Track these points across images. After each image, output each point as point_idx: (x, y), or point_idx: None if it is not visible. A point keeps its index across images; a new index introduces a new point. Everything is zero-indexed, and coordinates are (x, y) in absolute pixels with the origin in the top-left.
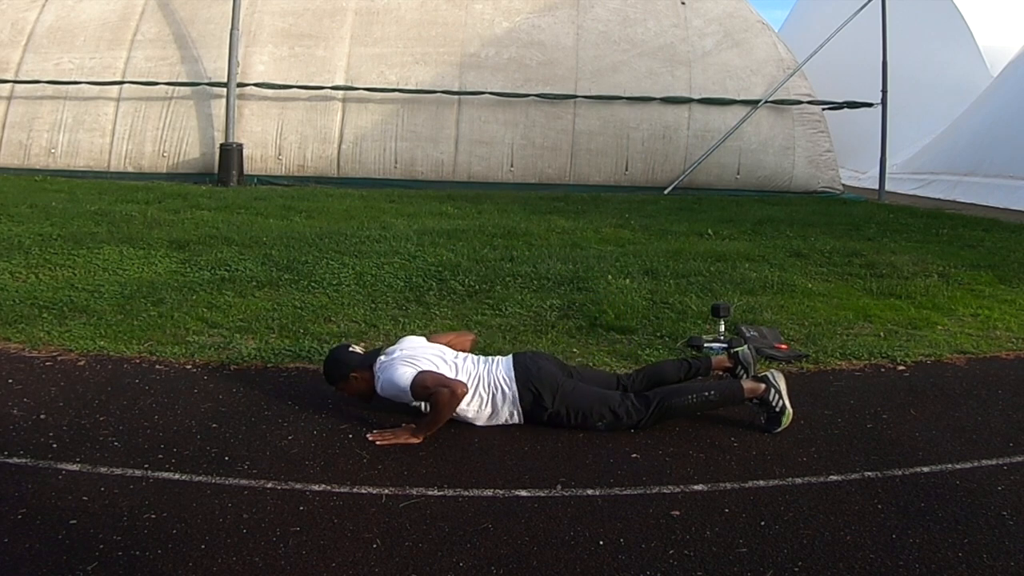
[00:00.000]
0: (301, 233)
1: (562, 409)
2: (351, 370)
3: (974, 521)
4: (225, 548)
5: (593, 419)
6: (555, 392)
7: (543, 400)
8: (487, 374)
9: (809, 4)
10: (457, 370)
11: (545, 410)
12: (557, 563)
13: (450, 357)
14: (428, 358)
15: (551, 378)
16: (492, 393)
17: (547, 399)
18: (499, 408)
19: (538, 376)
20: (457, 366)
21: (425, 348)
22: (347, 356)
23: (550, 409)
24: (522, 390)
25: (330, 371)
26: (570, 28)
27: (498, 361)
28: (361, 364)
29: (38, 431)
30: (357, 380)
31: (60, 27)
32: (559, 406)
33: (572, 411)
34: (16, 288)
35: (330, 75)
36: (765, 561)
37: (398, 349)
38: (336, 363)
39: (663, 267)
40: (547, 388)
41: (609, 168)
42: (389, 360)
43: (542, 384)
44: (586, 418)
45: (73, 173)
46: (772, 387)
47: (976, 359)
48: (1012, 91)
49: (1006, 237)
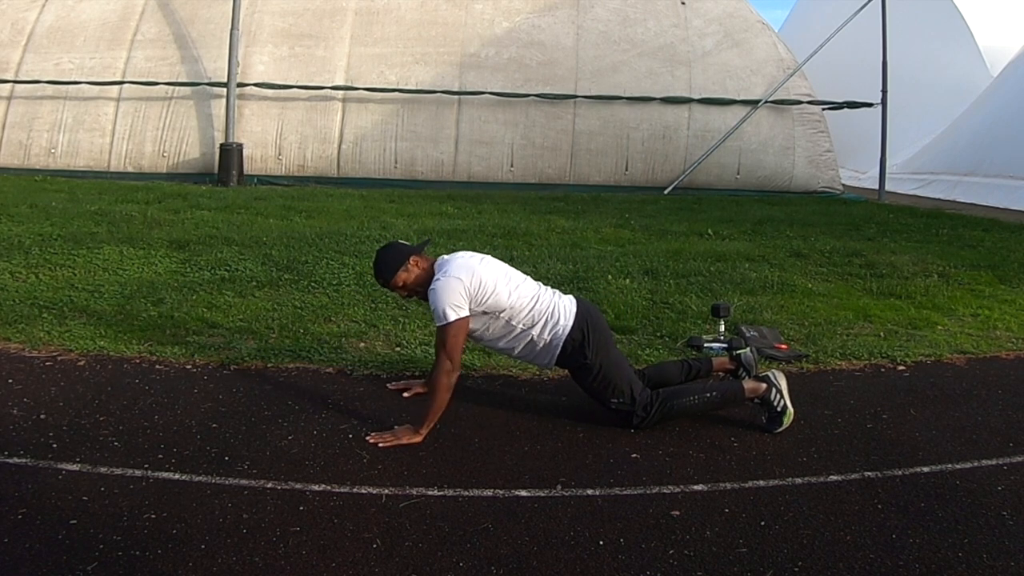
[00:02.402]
0: (301, 233)
1: (596, 366)
2: (409, 256)
3: (974, 521)
4: (225, 548)
5: (612, 392)
6: (600, 346)
7: (587, 347)
8: (548, 297)
9: (809, 4)
10: (517, 287)
11: (584, 358)
12: (557, 563)
13: (514, 275)
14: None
15: (603, 332)
16: (547, 316)
17: (591, 348)
18: (545, 334)
19: (595, 322)
20: (518, 284)
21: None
22: (401, 246)
23: (588, 359)
24: (575, 327)
25: (386, 261)
26: (570, 28)
27: (559, 294)
28: (417, 251)
29: (38, 431)
30: (416, 267)
31: (60, 27)
32: (596, 360)
33: (603, 373)
34: (16, 288)
35: (330, 75)
36: (765, 561)
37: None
38: (394, 251)
39: (663, 267)
40: (597, 336)
41: (609, 168)
42: (449, 268)
43: (595, 330)
44: (607, 387)
45: (73, 173)
46: (773, 387)
47: (976, 359)
48: (1012, 91)
49: (1006, 237)
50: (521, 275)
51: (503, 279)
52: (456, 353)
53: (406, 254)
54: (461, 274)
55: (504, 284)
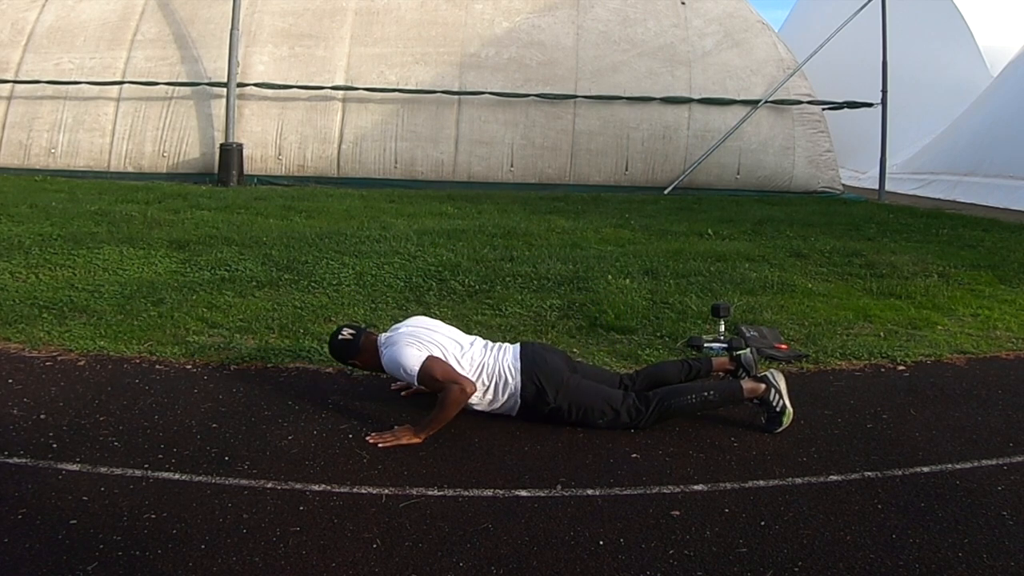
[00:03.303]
0: (301, 233)
1: (564, 404)
2: (348, 359)
3: (974, 521)
4: (225, 548)
5: (594, 416)
6: (559, 387)
7: (546, 394)
8: (492, 361)
9: (809, 4)
10: (463, 353)
11: (547, 404)
12: (557, 563)
13: (463, 339)
14: (435, 341)
15: (556, 373)
16: (495, 381)
17: (550, 393)
18: (499, 397)
19: (543, 369)
20: (464, 349)
21: (434, 328)
22: (340, 346)
23: (552, 404)
24: (526, 381)
25: (335, 357)
26: (570, 28)
27: (505, 349)
28: (353, 352)
29: (38, 431)
30: (358, 365)
31: (60, 27)
32: (561, 401)
33: (574, 407)
34: (16, 288)
35: (330, 75)
36: (765, 561)
37: (405, 325)
38: (335, 352)
39: (663, 267)
40: (551, 382)
41: (609, 168)
42: (395, 335)
43: (547, 378)
44: (587, 414)
45: (73, 173)
46: (772, 387)
47: (976, 359)
48: (1012, 91)
49: (1006, 237)
50: (466, 337)
51: (450, 343)
52: (450, 377)
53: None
54: (405, 338)
55: (452, 348)
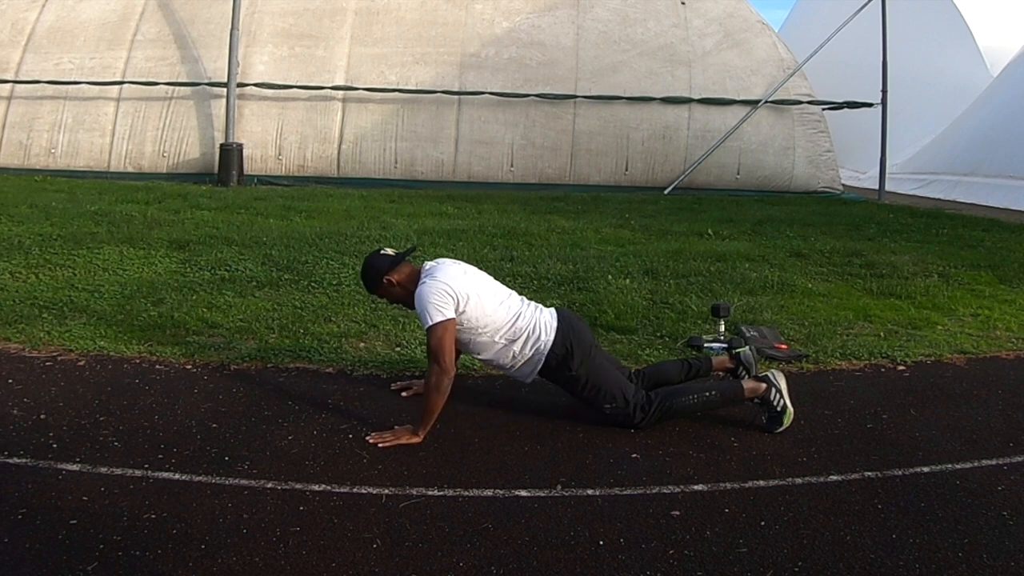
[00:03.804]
0: (301, 233)
1: (583, 376)
2: (384, 274)
3: (974, 521)
4: (225, 548)
5: (604, 398)
6: (585, 357)
7: (571, 360)
8: (530, 314)
9: (809, 4)
10: (501, 302)
11: (569, 370)
12: (557, 563)
13: (499, 289)
14: (474, 287)
15: (586, 342)
16: (528, 334)
17: (576, 360)
18: (526, 351)
19: (577, 334)
20: (502, 299)
21: (474, 276)
22: (379, 260)
23: (573, 371)
24: (559, 340)
25: (366, 279)
26: (570, 28)
27: (541, 308)
28: (393, 266)
29: (38, 431)
30: (393, 285)
31: (60, 27)
32: (581, 372)
33: (590, 382)
34: (16, 288)
35: (330, 75)
36: (765, 561)
37: (448, 263)
38: (370, 269)
39: (663, 267)
40: (580, 349)
41: (609, 168)
42: (434, 272)
43: (578, 343)
44: (598, 394)
45: (73, 173)
46: (773, 386)
47: (976, 359)
48: (1012, 91)
49: (1006, 237)
50: (504, 289)
51: (486, 292)
52: (444, 355)
53: (382, 272)
54: (446, 279)
55: (488, 297)
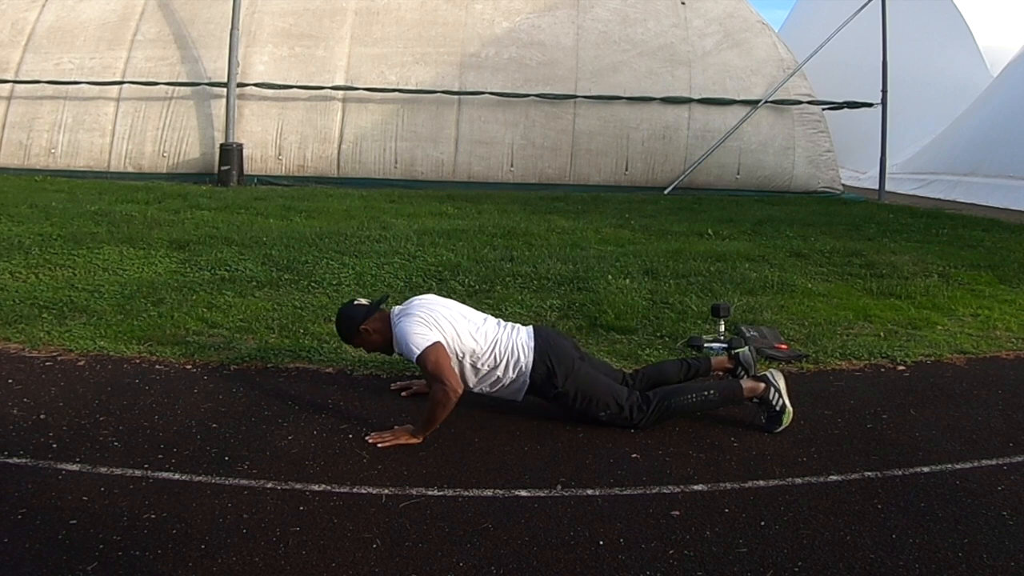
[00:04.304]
0: (301, 233)
1: (571, 390)
2: (360, 324)
3: (974, 521)
4: (225, 548)
5: (597, 407)
6: (568, 372)
7: (556, 376)
8: (506, 338)
9: (809, 4)
10: (477, 329)
11: (555, 387)
12: (557, 563)
13: (476, 316)
14: (448, 318)
15: (567, 357)
16: (507, 359)
17: (560, 376)
18: (509, 374)
19: (556, 351)
20: (478, 326)
21: (447, 306)
22: (354, 310)
23: (559, 388)
24: (538, 360)
25: (341, 329)
26: (570, 28)
27: (518, 328)
28: (369, 315)
29: (38, 431)
30: (370, 333)
31: (60, 27)
32: (568, 386)
33: (580, 394)
34: (16, 288)
35: (330, 75)
36: (765, 561)
37: (419, 300)
38: (345, 319)
39: (663, 267)
40: (562, 365)
41: (609, 168)
42: (410, 308)
43: (559, 360)
44: (591, 404)
45: (73, 173)
46: (772, 386)
47: (976, 359)
48: (1012, 91)
49: (1006, 237)
50: (479, 315)
51: (460, 321)
52: (446, 374)
53: (357, 321)
54: (418, 312)
55: (463, 325)
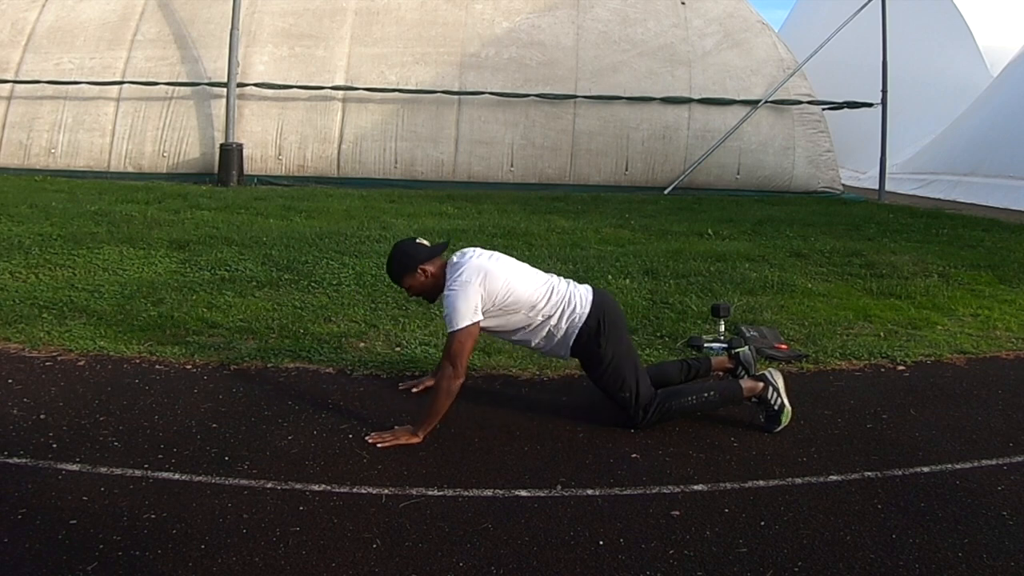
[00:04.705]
0: (301, 233)
1: (608, 355)
2: (421, 263)
3: (974, 521)
4: (225, 548)
5: (619, 386)
6: (614, 337)
7: (601, 336)
8: (564, 286)
9: (809, 4)
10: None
11: (598, 347)
12: (557, 563)
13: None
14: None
15: (620, 323)
16: (563, 307)
17: (605, 337)
18: (561, 323)
19: (611, 313)
20: (534, 279)
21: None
22: (416, 248)
23: (602, 348)
24: (592, 314)
25: (397, 265)
26: (570, 28)
27: (574, 283)
28: (431, 256)
29: (38, 431)
30: (426, 276)
31: (60, 27)
32: (608, 350)
33: (613, 365)
34: (16, 288)
35: (330, 75)
36: (765, 561)
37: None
38: (405, 255)
39: (663, 267)
40: (612, 327)
41: (609, 168)
42: (464, 272)
43: (611, 320)
44: (616, 379)
45: (73, 173)
46: (770, 385)
47: (976, 359)
48: (1012, 91)
49: (1006, 237)
50: (533, 270)
51: (516, 275)
52: (460, 359)
53: (417, 260)
54: (473, 277)
55: (518, 280)
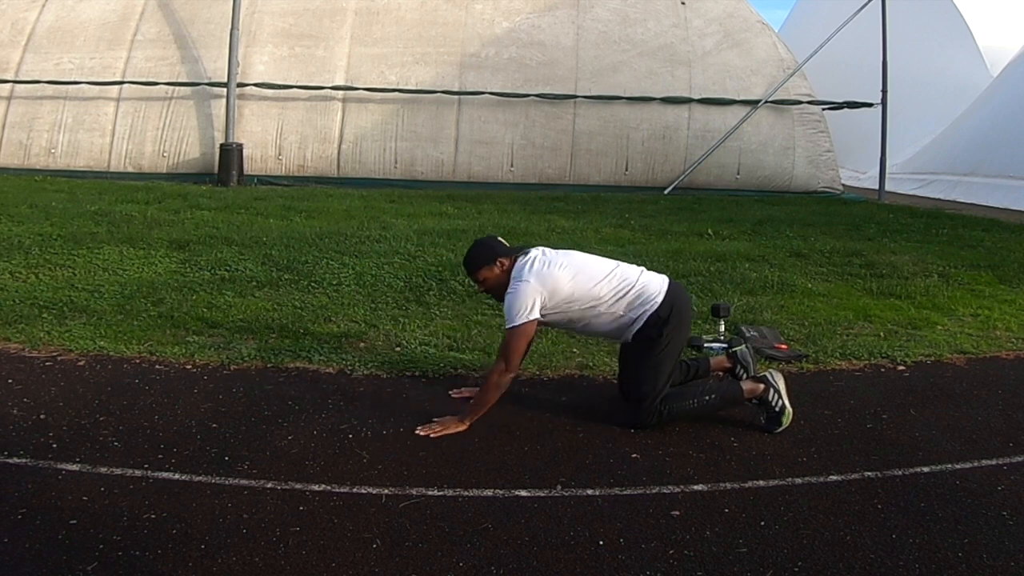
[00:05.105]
0: (301, 233)
1: (666, 343)
2: (499, 257)
3: (974, 521)
4: (225, 548)
5: (652, 376)
6: (676, 330)
7: (668, 324)
8: (636, 275)
9: (809, 4)
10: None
11: (660, 332)
12: (557, 563)
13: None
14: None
15: (687, 315)
16: (640, 291)
17: (670, 326)
18: (635, 305)
19: (681, 306)
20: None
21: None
22: (496, 244)
23: (663, 336)
24: (666, 300)
25: (477, 257)
26: (570, 28)
27: (648, 273)
28: (508, 254)
29: (38, 431)
30: (503, 270)
31: (60, 27)
32: (668, 338)
33: (664, 353)
34: (16, 288)
35: (330, 75)
36: (765, 561)
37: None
38: (486, 248)
39: (663, 267)
40: (680, 317)
41: (609, 168)
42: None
43: (679, 312)
44: (655, 368)
45: (73, 173)
46: (771, 387)
47: (976, 359)
48: (1012, 91)
49: (1006, 237)
50: (601, 262)
51: (582, 273)
52: (515, 356)
53: (497, 254)
54: (534, 278)
55: (584, 277)
